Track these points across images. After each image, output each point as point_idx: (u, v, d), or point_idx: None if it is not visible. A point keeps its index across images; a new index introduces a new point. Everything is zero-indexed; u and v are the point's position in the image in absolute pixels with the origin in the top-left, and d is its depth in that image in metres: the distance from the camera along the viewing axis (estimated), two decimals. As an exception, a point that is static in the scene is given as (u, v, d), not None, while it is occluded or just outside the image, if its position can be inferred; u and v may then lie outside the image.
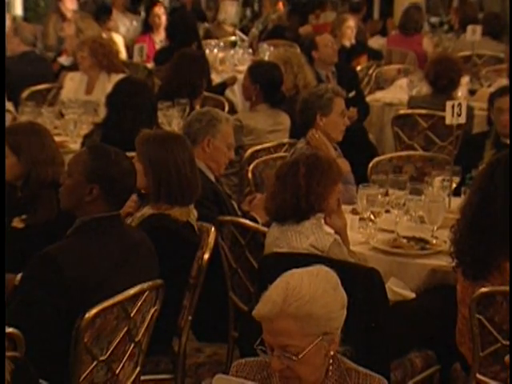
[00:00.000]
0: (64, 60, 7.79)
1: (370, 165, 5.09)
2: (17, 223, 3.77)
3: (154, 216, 3.65)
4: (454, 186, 4.51)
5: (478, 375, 3.30)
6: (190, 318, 3.72)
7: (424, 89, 6.76)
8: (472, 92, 7.10)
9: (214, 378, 1.83)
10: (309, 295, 2.28)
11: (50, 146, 3.85)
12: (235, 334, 4.03)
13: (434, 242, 3.96)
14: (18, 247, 3.59)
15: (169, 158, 3.69)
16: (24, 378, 2.16)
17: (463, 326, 3.36)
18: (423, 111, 6.15)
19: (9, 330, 2.77)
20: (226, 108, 6.35)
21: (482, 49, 8.41)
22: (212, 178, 4.42)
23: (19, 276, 3.23)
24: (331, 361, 2.34)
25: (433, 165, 5.09)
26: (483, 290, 3.20)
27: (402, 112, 6.39)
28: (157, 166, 3.68)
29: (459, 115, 4.46)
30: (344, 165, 4.67)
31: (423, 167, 5.15)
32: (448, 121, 4.49)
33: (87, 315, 2.96)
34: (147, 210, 3.67)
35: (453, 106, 4.44)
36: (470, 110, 5.46)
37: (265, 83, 5.76)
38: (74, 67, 6.94)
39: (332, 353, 2.32)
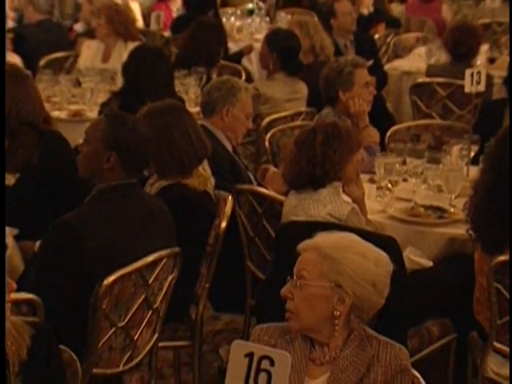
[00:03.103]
0: (80, 27, 7.78)
1: (388, 133, 5.07)
2: (7, 180, 3.79)
3: (172, 186, 3.65)
4: (473, 154, 4.48)
5: (496, 343, 3.31)
6: (207, 285, 3.74)
7: (442, 57, 6.70)
8: (491, 60, 7.03)
9: (232, 343, 1.84)
10: (346, 247, 2.38)
11: (31, 87, 3.87)
12: (252, 302, 4.04)
13: (452, 210, 3.94)
14: (15, 204, 3.62)
15: (170, 128, 3.66)
16: (44, 343, 2.17)
17: (481, 295, 3.36)
18: (442, 80, 6.11)
19: (28, 295, 2.80)
20: (243, 77, 6.32)
21: (501, 16, 8.33)
22: (229, 148, 4.41)
23: (38, 243, 3.25)
24: (337, 321, 2.36)
25: (451, 133, 5.06)
26: (501, 258, 3.20)
27: (420, 81, 6.34)
28: (160, 139, 3.64)
29: (478, 83, 4.42)
30: (374, 135, 4.65)
31: (441, 136, 5.12)
32: (467, 89, 4.46)
33: (105, 282, 2.98)
34: (163, 182, 3.67)
35: (472, 74, 4.40)
36: (489, 78, 5.41)
37: (282, 51, 5.73)
38: (89, 34, 6.92)
39: (338, 313, 2.35)
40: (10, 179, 3.80)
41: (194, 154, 3.67)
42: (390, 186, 4.10)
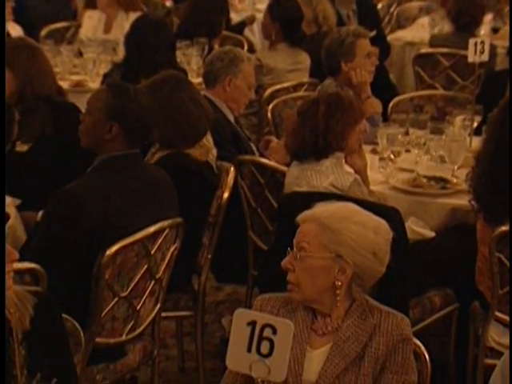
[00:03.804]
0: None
1: (391, 104, 5.05)
2: (20, 147, 3.79)
3: (173, 155, 3.65)
4: (476, 125, 4.47)
5: (497, 313, 3.32)
6: (209, 256, 3.75)
7: (446, 27, 6.66)
8: (495, 30, 6.99)
9: (235, 312, 1.84)
10: (345, 217, 2.37)
11: (43, 60, 3.86)
12: (254, 272, 4.05)
13: (455, 181, 3.94)
14: (24, 171, 3.63)
15: (173, 99, 3.64)
16: (47, 312, 2.18)
17: (483, 265, 3.36)
18: (445, 50, 6.07)
19: (31, 265, 2.81)
20: (245, 47, 6.29)
21: (505, -14, 8.25)
22: (231, 118, 4.40)
23: (40, 213, 3.25)
24: (338, 291, 2.36)
25: (454, 104, 5.05)
26: (503, 228, 3.20)
27: (423, 51, 6.31)
28: (163, 109, 3.63)
29: (482, 53, 4.40)
30: (377, 105, 4.63)
31: (444, 106, 5.11)
32: (470, 58, 4.43)
33: (108, 252, 2.99)
34: (164, 152, 3.66)
35: (475, 44, 4.38)
36: (492, 48, 5.38)
37: (285, 21, 5.69)
38: (90, 4, 6.87)
39: (340, 283, 2.35)
40: (23, 147, 3.80)
41: (196, 125, 3.66)
42: (392, 156, 4.10)
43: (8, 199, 3.53)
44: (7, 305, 2.11)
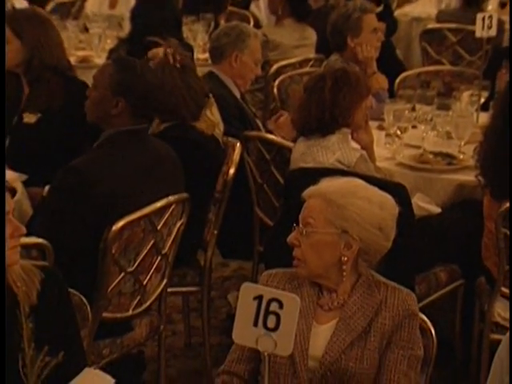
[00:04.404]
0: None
1: (398, 80, 5.04)
2: (28, 118, 3.79)
3: (178, 125, 3.63)
4: (483, 100, 4.46)
5: (503, 288, 3.32)
6: (215, 232, 3.75)
7: (453, 2, 6.64)
8: (503, 5, 6.94)
9: (242, 286, 1.85)
10: (350, 192, 2.37)
11: (52, 30, 3.86)
12: (260, 248, 4.06)
13: (461, 157, 3.93)
14: (31, 143, 3.63)
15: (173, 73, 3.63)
16: (54, 287, 2.19)
17: (489, 241, 3.36)
18: (452, 25, 6.05)
19: (38, 240, 2.82)
20: (251, 23, 6.27)
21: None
22: (237, 94, 4.38)
23: (47, 188, 3.25)
24: (345, 267, 2.37)
25: (461, 80, 5.03)
26: (510, 204, 3.19)
27: (430, 26, 6.29)
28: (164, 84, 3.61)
29: (490, 28, 4.38)
30: (382, 81, 4.61)
31: (451, 82, 5.09)
32: (478, 33, 4.41)
33: (114, 227, 2.99)
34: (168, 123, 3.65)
35: (483, 19, 4.35)
36: (500, 23, 5.35)
37: (292, -4, 5.67)
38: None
39: (346, 259, 2.36)
40: (32, 118, 3.80)
41: (196, 100, 3.65)
42: (399, 132, 4.09)
43: (14, 174, 3.54)
44: (14, 279, 2.12)
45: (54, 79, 3.77)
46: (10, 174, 3.41)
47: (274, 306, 1.82)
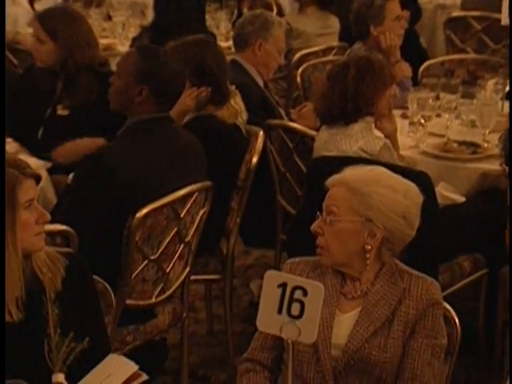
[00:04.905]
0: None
1: (421, 68, 5.01)
2: (61, 111, 3.81)
3: (201, 117, 3.65)
4: (508, 89, 4.42)
5: (528, 278, 3.31)
6: (238, 220, 3.75)
7: (478, -10, 6.57)
8: (528, -7, 6.87)
9: (266, 274, 1.85)
10: (374, 181, 2.36)
11: (86, 29, 3.86)
12: (283, 237, 4.06)
13: (486, 145, 3.90)
14: (65, 135, 3.65)
15: (206, 57, 3.64)
16: (78, 273, 2.20)
17: (514, 230, 3.34)
18: (477, 13, 6.00)
19: (62, 227, 2.83)
20: (274, 10, 6.25)
21: None
22: (261, 83, 4.38)
23: (71, 175, 3.27)
24: (368, 255, 2.36)
25: (486, 68, 4.99)
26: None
27: (454, 14, 6.24)
28: (198, 67, 3.62)
29: (515, 16, 4.35)
30: (406, 69, 4.59)
31: (476, 70, 5.05)
32: (503, 21, 4.39)
33: (138, 215, 3.00)
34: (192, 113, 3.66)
35: (510, 6, 4.31)
36: (526, 11, 5.30)
37: (314, -17, 5.65)
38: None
39: (369, 247, 2.35)
40: (65, 111, 3.82)
41: (224, 87, 3.66)
42: (422, 121, 4.07)
43: (39, 162, 3.56)
44: (39, 265, 2.14)
45: (89, 77, 3.77)
46: (34, 162, 3.44)
47: (298, 294, 1.83)
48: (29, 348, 2.08)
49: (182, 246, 3.25)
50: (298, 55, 5.27)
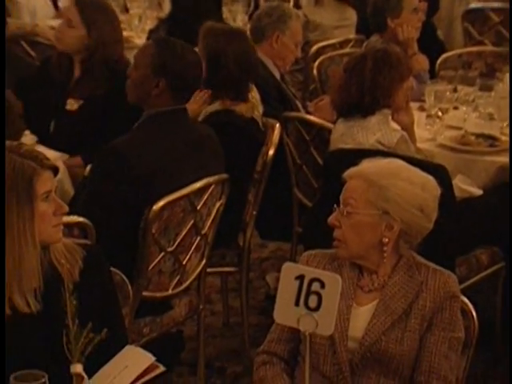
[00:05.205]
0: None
1: (439, 61, 4.99)
2: (70, 105, 3.81)
3: (220, 112, 3.65)
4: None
5: (545, 272, 3.30)
6: (254, 212, 3.75)
7: (496, -18, 6.53)
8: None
9: (283, 266, 1.85)
10: (392, 173, 2.35)
11: (118, 26, 3.86)
12: (299, 229, 4.06)
13: (503, 138, 3.88)
14: (74, 130, 3.66)
15: (227, 50, 3.63)
16: (95, 265, 2.21)
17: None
18: (495, 5, 5.96)
19: (79, 219, 2.84)
20: (291, 2, 6.24)
21: None
22: (277, 75, 4.38)
23: (88, 168, 3.28)
24: (385, 248, 2.35)
25: (504, 60, 4.95)
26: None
27: (472, 6, 6.20)
28: (215, 58, 3.62)
29: (534, 8, 4.31)
30: (423, 62, 4.57)
31: (494, 63, 5.02)
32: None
33: (155, 207, 3.00)
34: (213, 107, 3.66)
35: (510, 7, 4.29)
36: (545, 4, 5.28)
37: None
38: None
39: (387, 240, 2.34)
40: (74, 105, 3.83)
41: (242, 85, 3.66)
42: (440, 113, 4.05)
43: (56, 153, 3.57)
44: (57, 256, 2.15)
45: (101, 71, 3.77)
46: (51, 154, 3.45)
47: (315, 286, 1.82)
48: (47, 339, 2.09)
49: (198, 238, 3.25)
50: (314, 48, 5.25)
